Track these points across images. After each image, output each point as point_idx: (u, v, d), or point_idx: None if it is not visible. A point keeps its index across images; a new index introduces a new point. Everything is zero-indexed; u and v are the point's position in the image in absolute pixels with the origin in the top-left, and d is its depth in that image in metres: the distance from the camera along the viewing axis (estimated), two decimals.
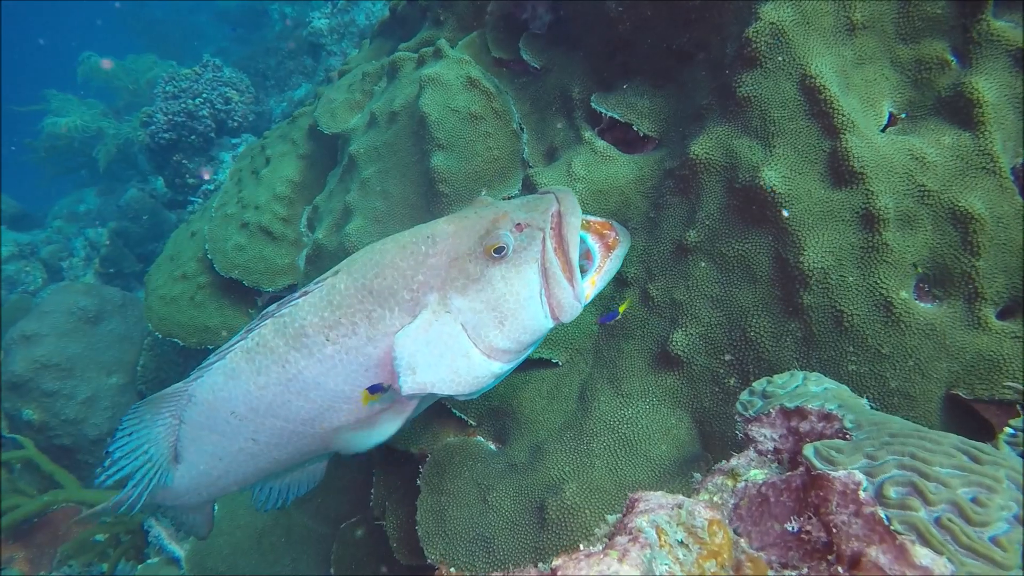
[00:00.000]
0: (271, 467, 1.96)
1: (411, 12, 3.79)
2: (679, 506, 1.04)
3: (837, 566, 1.04)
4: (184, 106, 7.44)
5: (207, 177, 7.47)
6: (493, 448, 2.25)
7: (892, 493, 1.04)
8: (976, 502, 1.02)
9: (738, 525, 1.20)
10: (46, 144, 9.98)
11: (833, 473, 1.08)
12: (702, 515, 1.03)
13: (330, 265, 2.29)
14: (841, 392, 1.43)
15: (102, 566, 4.21)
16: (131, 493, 1.91)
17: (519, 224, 1.59)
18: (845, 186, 1.78)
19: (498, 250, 1.58)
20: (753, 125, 1.93)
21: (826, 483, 1.08)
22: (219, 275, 3.72)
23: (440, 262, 1.63)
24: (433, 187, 2.61)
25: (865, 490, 1.05)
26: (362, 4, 8.39)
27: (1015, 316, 1.70)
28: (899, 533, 0.99)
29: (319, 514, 3.35)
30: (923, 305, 1.72)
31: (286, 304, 1.76)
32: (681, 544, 0.98)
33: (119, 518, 2.27)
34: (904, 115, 1.91)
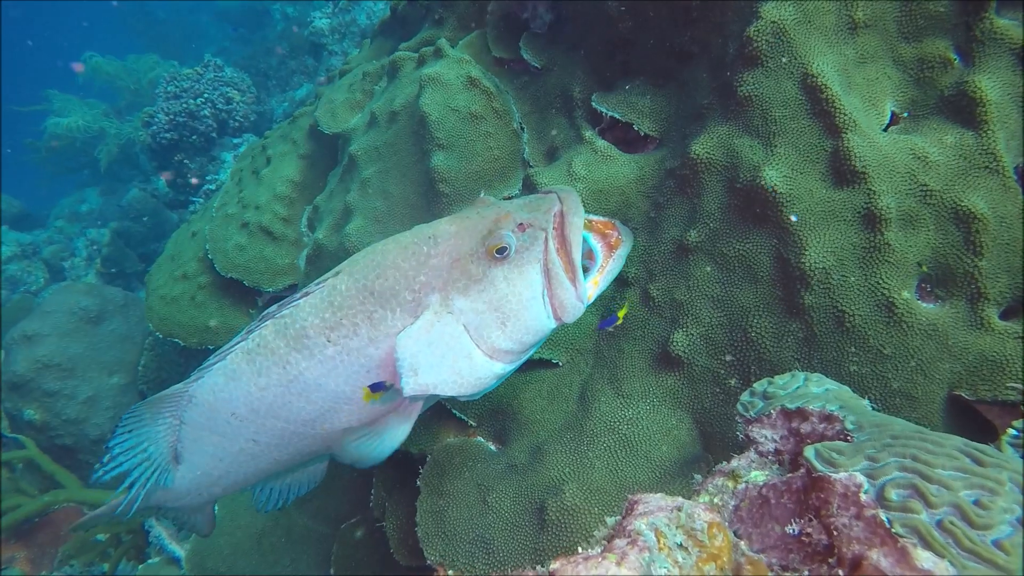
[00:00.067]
0: (272, 468, 1.96)
1: (412, 12, 3.78)
2: (678, 508, 1.03)
3: (838, 569, 1.03)
4: (185, 106, 7.46)
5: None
6: (493, 449, 2.25)
7: (894, 495, 1.03)
8: (979, 505, 1.01)
9: (738, 527, 1.20)
10: (48, 144, 10.00)
11: (834, 475, 1.07)
12: (701, 517, 1.02)
13: (330, 265, 2.28)
14: (842, 393, 1.42)
15: (103, 566, 4.22)
16: (131, 493, 1.90)
17: (521, 224, 1.58)
18: (847, 186, 1.77)
19: (500, 250, 1.57)
20: (754, 124, 1.92)
21: (827, 485, 1.07)
22: (220, 275, 3.72)
23: (442, 263, 1.62)
24: (433, 187, 2.61)
25: (866, 492, 1.04)
26: (363, 4, 8.40)
27: (1018, 316, 1.69)
28: (900, 536, 0.98)
29: (319, 514, 3.34)
30: (925, 305, 1.71)
31: (287, 305, 1.75)
32: (680, 547, 0.98)
33: (116, 519, 2.25)
34: (906, 114, 1.90)
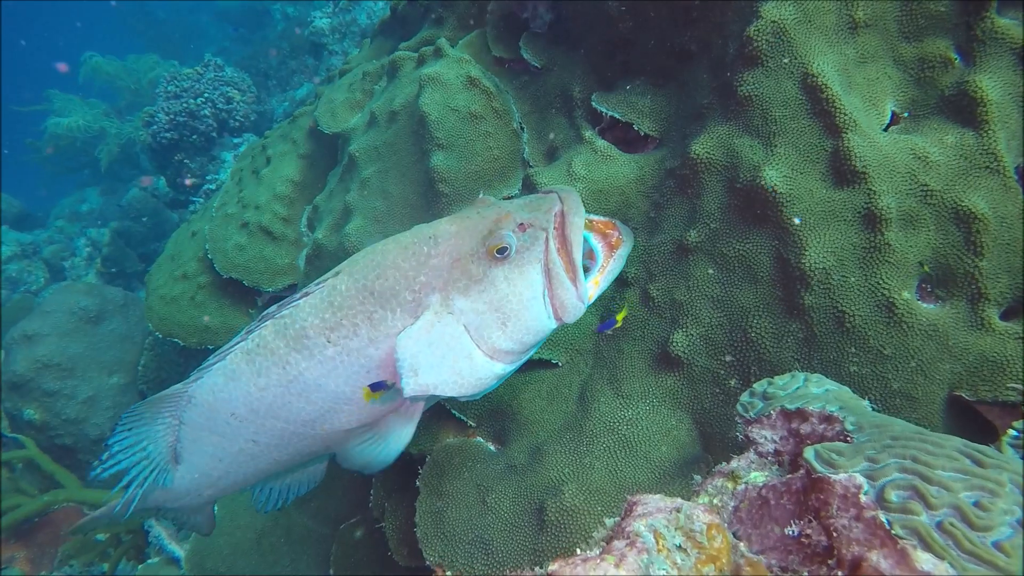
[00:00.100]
0: (272, 468, 1.95)
1: (412, 11, 3.78)
2: (677, 510, 1.02)
3: (837, 571, 1.02)
4: (186, 106, 7.46)
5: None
6: (492, 449, 2.24)
7: (893, 497, 1.03)
8: (979, 506, 1.00)
9: (738, 528, 1.19)
10: (49, 144, 10.01)
11: (834, 476, 1.07)
12: (700, 519, 1.02)
13: (330, 265, 2.28)
14: (842, 394, 1.42)
15: (103, 566, 4.22)
16: (129, 493, 1.90)
17: (522, 224, 1.58)
18: (847, 186, 1.77)
19: (501, 250, 1.56)
20: (754, 124, 1.92)
21: (827, 486, 1.07)
22: (219, 275, 3.72)
23: (442, 263, 1.61)
24: (433, 187, 2.60)
25: (866, 494, 1.04)
26: (363, 3, 8.40)
27: (1018, 317, 1.68)
28: (900, 538, 0.98)
29: (319, 515, 3.34)
30: (926, 306, 1.70)
31: (286, 305, 1.74)
32: (679, 549, 0.97)
33: (115, 521, 2.25)
34: (907, 114, 1.90)
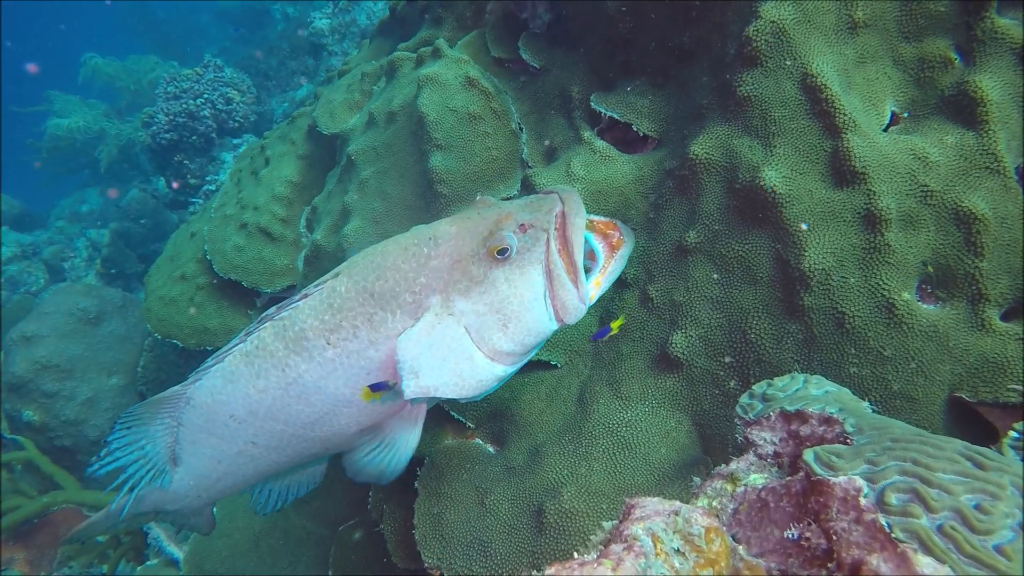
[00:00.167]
0: (271, 470, 1.95)
1: (411, 12, 3.78)
2: (675, 513, 1.02)
3: (837, 574, 1.02)
4: (185, 106, 7.45)
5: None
6: (491, 451, 2.23)
7: (894, 500, 1.02)
8: (980, 509, 1.00)
9: (737, 531, 1.18)
10: (49, 145, 10.00)
11: (833, 479, 1.06)
12: (699, 522, 1.01)
13: (329, 266, 2.28)
14: (842, 395, 1.41)
15: (102, 567, 4.21)
16: (123, 492, 1.89)
17: (523, 225, 1.57)
18: (847, 186, 1.76)
19: (501, 251, 1.55)
20: (753, 125, 1.91)
21: (826, 489, 1.06)
22: (218, 276, 3.71)
23: (443, 264, 1.60)
24: (431, 188, 2.59)
25: (866, 496, 1.03)
26: (363, 4, 8.40)
27: (1019, 317, 1.68)
28: (900, 541, 0.97)
29: (318, 516, 3.33)
30: (926, 307, 1.69)
31: (286, 307, 1.73)
32: (677, 552, 0.96)
33: (112, 527, 2.24)
34: (907, 114, 1.89)
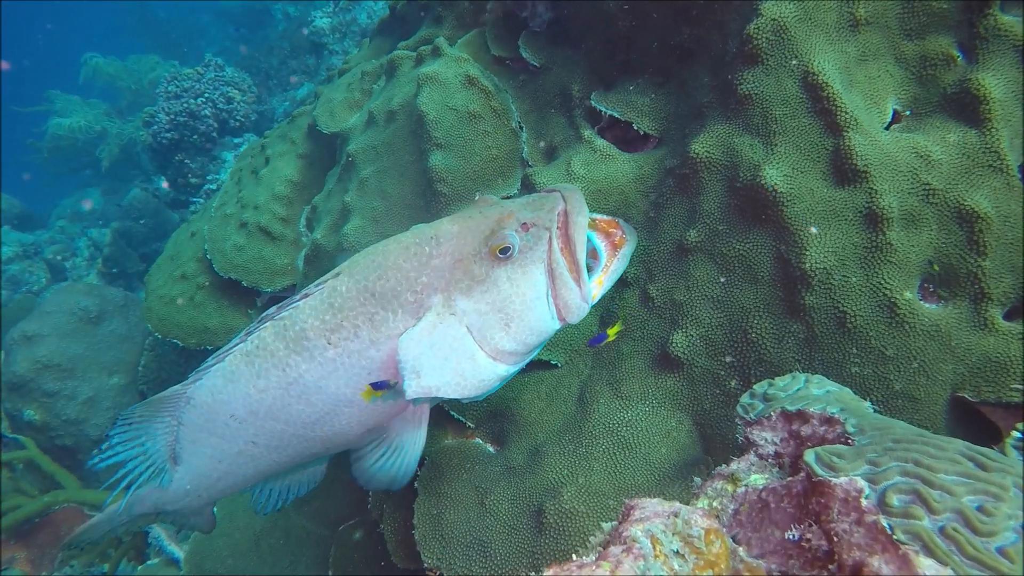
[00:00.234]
0: (271, 469, 1.94)
1: (411, 11, 3.77)
2: (675, 514, 1.01)
3: None
4: (186, 106, 7.45)
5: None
6: (491, 451, 2.23)
7: (895, 501, 1.01)
8: (982, 511, 0.99)
9: (738, 531, 1.17)
10: (50, 144, 10.01)
11: (835, 480, 1.05)
12: (699, 524, 1.00)
13: (329, 266, 2.27)
14: (843, 395, 1.40)
15: (103, 567, 4.21)
16: (120, 488, 1.89)
17: (525, 224, 1.56)
18: (848, 185, 1.75)
19: (503, 250, 1.55)
20: (754, 123, 1.90)
21: (827, 490, 1.05)
22: (218, 275, 3.71)
23: (444, 263, 1.59)
24: (431, 187, 2.59)
25: (867, 498, 1.02)
26: (363, 3, 8.39)
27: (1022, 316, 1.67)
28: (902, 543, 0.96)
29: (318, 516, 3.33)
30: (928, 306, 1.68)
31: (286, 307, 1.72)
32: (677, 554, 0.96)
33: (112, 531, 2.23)
34: (909, 112, 1.88)
